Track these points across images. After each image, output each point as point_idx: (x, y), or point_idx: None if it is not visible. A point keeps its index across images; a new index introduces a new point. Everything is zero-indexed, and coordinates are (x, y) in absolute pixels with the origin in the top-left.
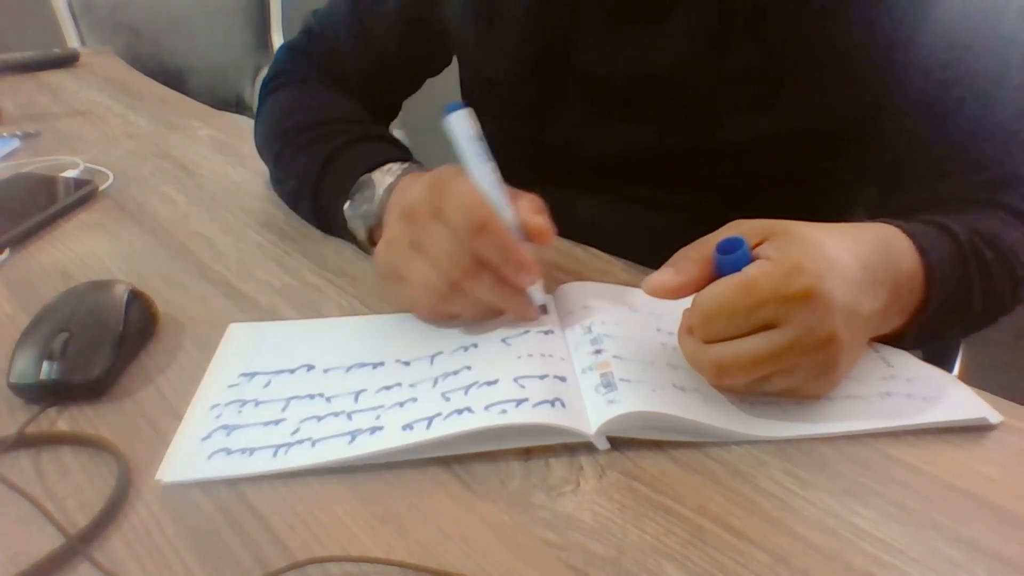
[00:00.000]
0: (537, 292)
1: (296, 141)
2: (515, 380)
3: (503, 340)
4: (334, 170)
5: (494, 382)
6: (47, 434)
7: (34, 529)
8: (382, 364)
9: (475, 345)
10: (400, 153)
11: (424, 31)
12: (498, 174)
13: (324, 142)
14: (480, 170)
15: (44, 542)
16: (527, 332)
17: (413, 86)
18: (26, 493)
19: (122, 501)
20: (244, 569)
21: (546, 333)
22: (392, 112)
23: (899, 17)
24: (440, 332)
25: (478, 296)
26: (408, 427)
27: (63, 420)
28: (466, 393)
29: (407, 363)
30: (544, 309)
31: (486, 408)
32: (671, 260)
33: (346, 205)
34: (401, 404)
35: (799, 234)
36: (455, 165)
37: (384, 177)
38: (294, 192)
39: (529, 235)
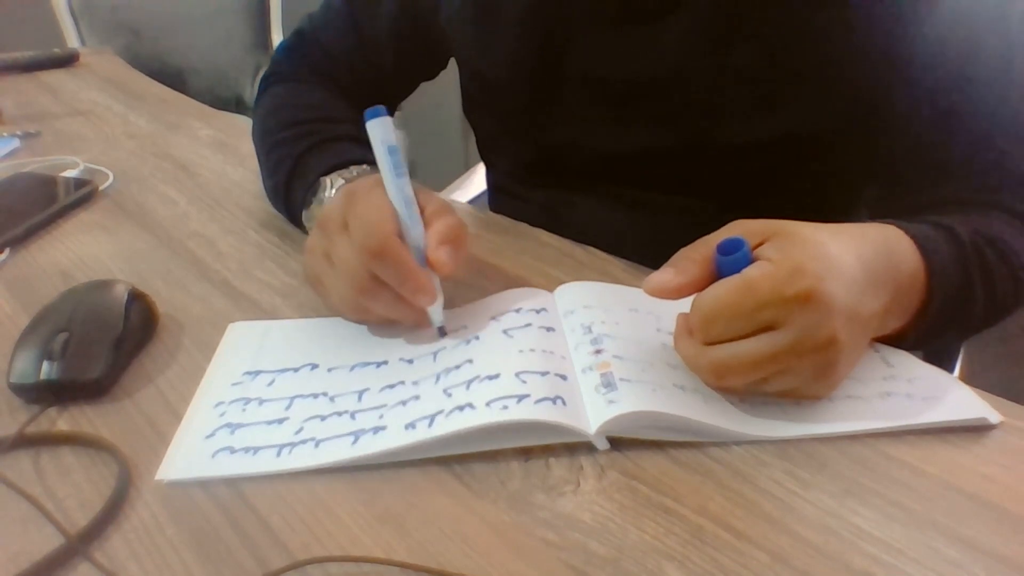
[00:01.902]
0: (436, 313)
1: (270, 140)
2: (517, 375)
3: (505, 332)
4: (298, 174)
5: (495, 376)
6: (47, 434)
7: (34, 529)
8: (385, 363)
9: (477, 337)
10: (365, 154)
11: (420, 36)
12: (410, 188)
13: (293, 144)
14: (393, 184)
15: (44, 542)
16: (529, 326)
17: (408, 89)
18: (26, 493)
19: (122, 501)
20: (244, 569)
21: (548, 330)
22: (388, 113)
23: (901, 18)
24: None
25: (378, 312)
26: (411, 426)
27: (63, 420)
28: (468, 388)
29: (410, 361)
30: (442, 332)
31: (487, 404)
32: (672, 260)
33: (304, 213)
34: (404, 403)
35: (800, 235)
36: (378, 175)
37: (336, 180)
38: (272, 193)
39: (430, 266)
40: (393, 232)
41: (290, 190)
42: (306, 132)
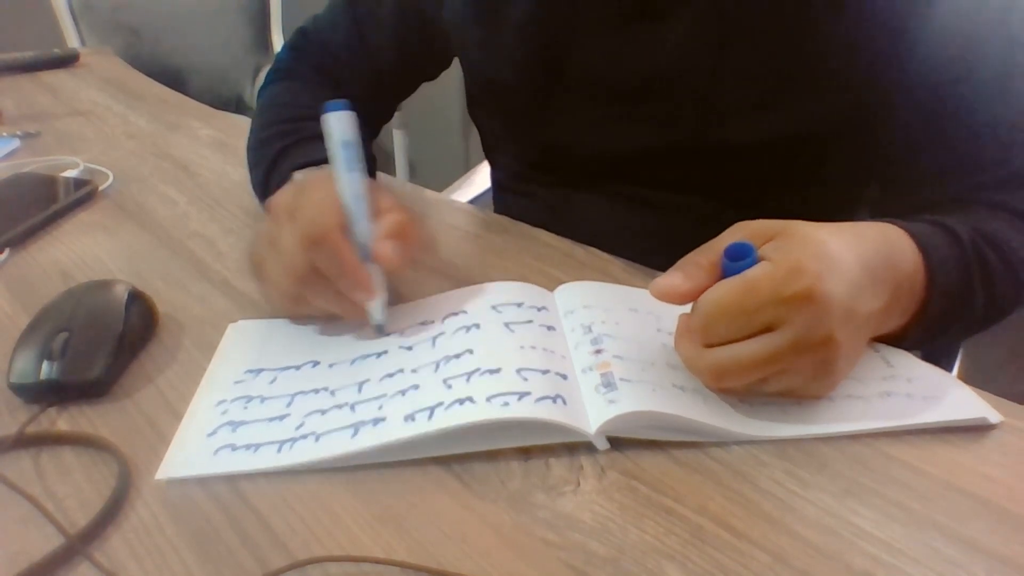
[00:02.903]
0: (376, 311)
1: (258, 137)
2: (518, 371)
3: (506, 325)
4: (277, 170)
5: (497, 371)
6: (47, 434)
7: (34, 529)
8: (385, 352)
9: (477, 326)
10: None
11: (421, 37)
12: (362, 184)
13: (276, 140)
14: (345, 178)
15: (44, 542)
16: (531, 323)
17: (409, 89)
18: (26, 493)
19: (122, 501)
20: (244, 569)
21: (549, 328)
22: (387, 113)
23: (901, 17)
24: (442, 313)
25: (316, 304)
26: (410, 418)
27: (63, 420)
28: (468, 380)
29: (409, 347)
30: (381, 330)
31: (488, 399)
32: (679, 264)
33: None
34: (403, 392)
35: (801, 233)
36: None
37: (307, 175)
38: (255, 189)
39: (374, 257)
40: (336, 224)
41: (267, 186)
42: (290, 130)
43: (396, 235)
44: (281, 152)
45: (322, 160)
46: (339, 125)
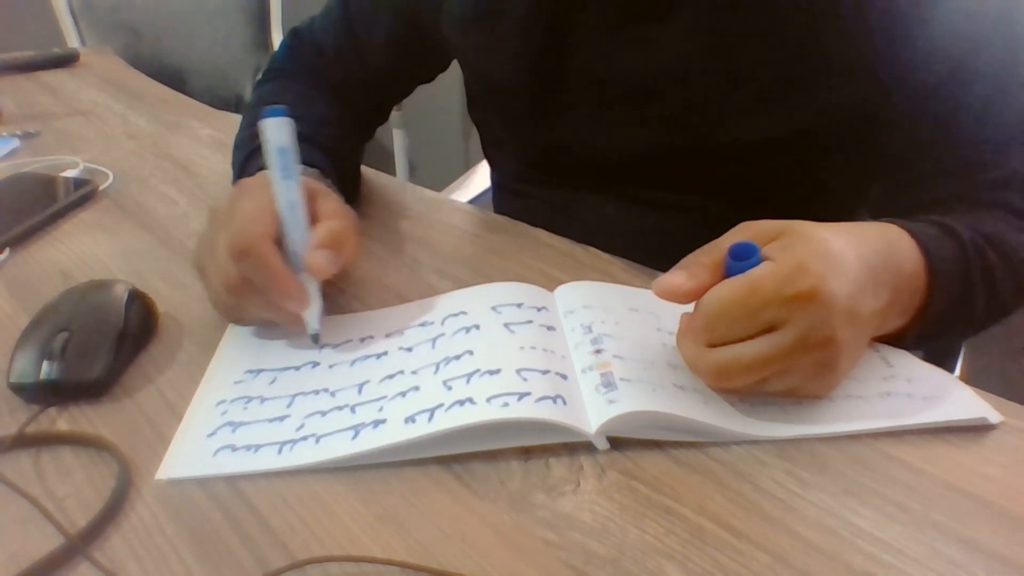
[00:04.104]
0: (311, 320)
1: (238, 137)
2: (518, 372)
3: (506, 325)
4: (247, 171)
5: (496, 371)
6: (47, 434)
7: (34, 529)
8: (385, 353)
9: (477, 327)
10: (311, 157)
11: (417, 40)
12: (298, 192)
13: (249, 142)
14: (279, 185)
15: (44, 542)
16: (530, 323)
17: (404, 91)
18: (26, 493)
19: (122, 501)
20: (244, 569)
21: (548, 329)
22: (381, 115)
23: (902, 17)
24: (442, 314)
25: (252, 313)
26: (410, 419)
27: (63, 420)
28: (468, 382)
29: (409, 349)
30: (316, 339)
31: (488, 400)
32: (682, 263)
33: None
34: (403, 394)
35: (803, 233)
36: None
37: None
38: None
39: (305, 267)
40: (264, 233)
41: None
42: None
43: (330, 244)
44: (250, 154)
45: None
46: (275, 131)
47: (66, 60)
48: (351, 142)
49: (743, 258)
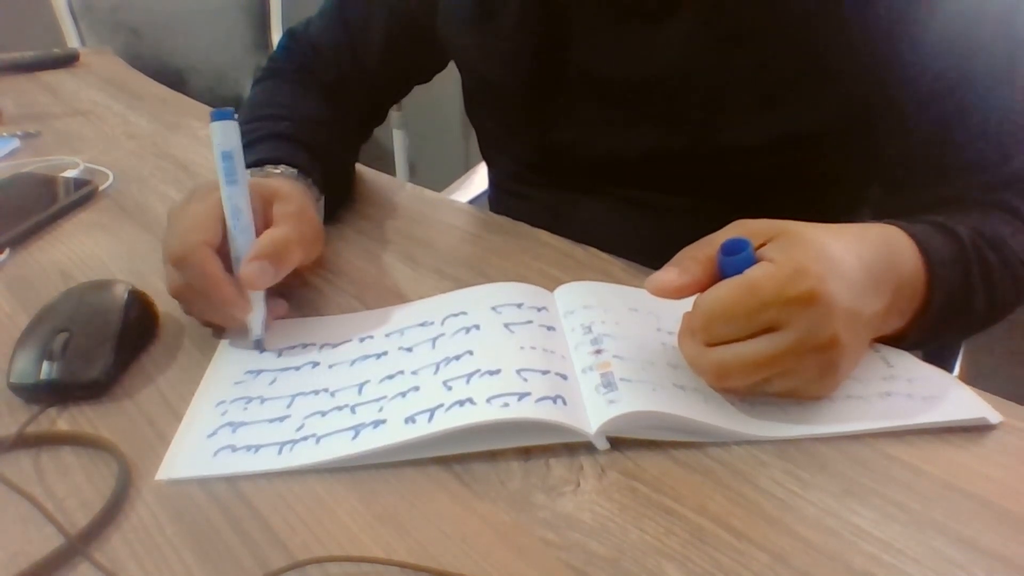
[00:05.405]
0: (254, 325)
1: None
2: (518, 372)
3: (506, 326)
4: None
5: (496, 371)
6: (47, 434)
7: (34, 529)
8: (385, 353)
9: (477, 327)
10: (293, 156)
11: (413, 41)
12: (243, 197)
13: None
14: (225, 191)
15: (44, 542)
16: (530, 323)
17: (401, 91)
18: (26, 493)
19: (122, 501)
20: (244, 569)
21: (548, 329)
22: (378, 116)
23: (901, 17)
24: (442, 314)
25: (198, 315)
26: (410, 420)
27: (63, 420)
28: (468, 382)
29: (409, 349)
30: (259, 345)
31: (488, 400)
32: (674, 259)
33: None
34: (403, 394)
35: (802, 235)
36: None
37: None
38: None
39: (238, 277)
40: (203, 241)
41: None
42: (247, 130)
43: (269, 254)
44: None
45: (267, 160)
46: (221, 135)
47: (66, 60)
48: (342, 142)
49: (734, 253)
